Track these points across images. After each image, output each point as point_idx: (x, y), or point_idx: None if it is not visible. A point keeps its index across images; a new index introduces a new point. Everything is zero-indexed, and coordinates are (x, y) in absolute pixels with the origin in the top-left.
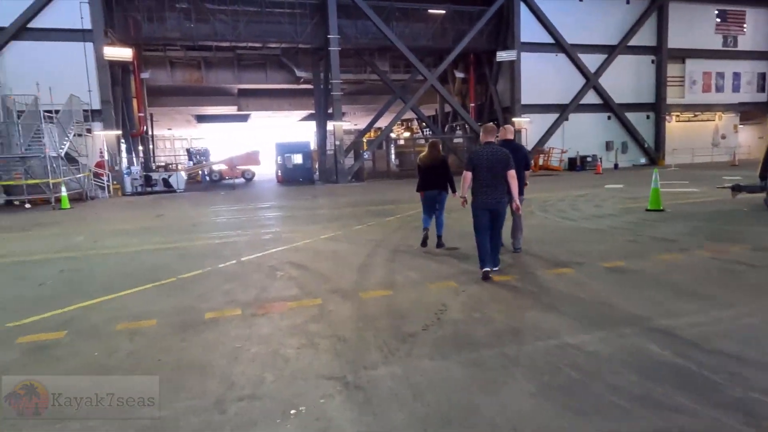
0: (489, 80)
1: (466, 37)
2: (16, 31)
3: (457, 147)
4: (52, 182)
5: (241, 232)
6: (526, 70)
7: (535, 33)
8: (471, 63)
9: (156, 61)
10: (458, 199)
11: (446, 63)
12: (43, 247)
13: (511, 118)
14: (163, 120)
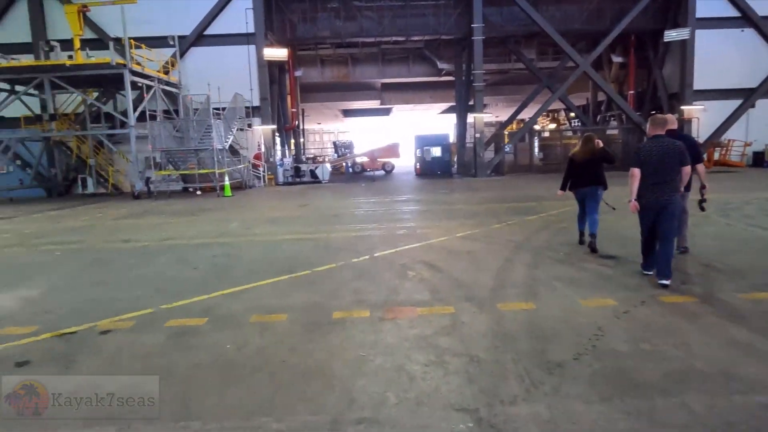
0: (653, 64)
1: (627, 16)
2: (195, 39)
3: (610, 139)
4: (218, 172)
5: (376, 226)
6: (701, 50)
7: (714, 6)
8: (631, 45)
9: (308, 60)
10: (626, 204)
11: (602, 46)
12: (203, 232)
13: (679, 106)
14: (314, 115)
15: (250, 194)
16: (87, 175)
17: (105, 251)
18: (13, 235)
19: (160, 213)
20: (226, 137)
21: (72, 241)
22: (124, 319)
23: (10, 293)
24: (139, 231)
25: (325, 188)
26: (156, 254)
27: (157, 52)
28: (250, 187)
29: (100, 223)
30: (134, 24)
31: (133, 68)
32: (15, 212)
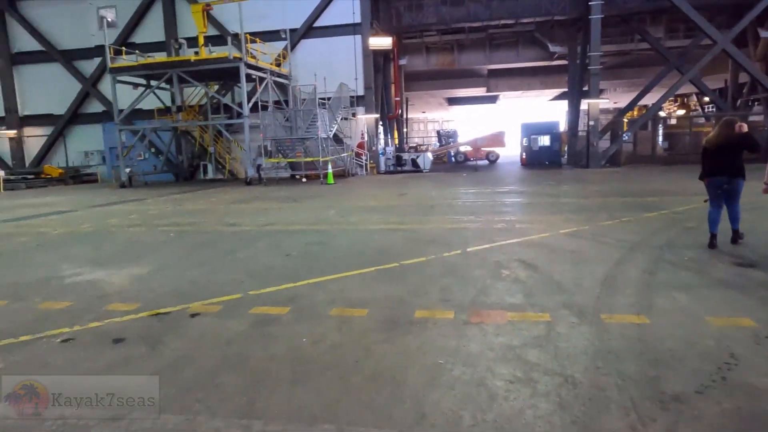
0: None
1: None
2: (304, 31)
3: (755, 126)
4: (321, 160)
5: (473, 218)
6: None
7: None
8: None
9: (413, 48)
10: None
11: (747, 19)
12: (302, 219)
13: None
14: (418, 104)
15: (351, 182)
16: (207, 162)
17: (212, 234)
18: (139, 215)
19: (266, 199)
20: (330, 126)
21: (186, 223)
22: (214, 303)
23: (125, 270)
24: (244, 216)
25: (425, 177)
26: (255, 239)
27: (270, 45)
28: (352, 175)
29: (213, 207)
30: (251, 20)
31: (248, 62)
32: (146, 195)
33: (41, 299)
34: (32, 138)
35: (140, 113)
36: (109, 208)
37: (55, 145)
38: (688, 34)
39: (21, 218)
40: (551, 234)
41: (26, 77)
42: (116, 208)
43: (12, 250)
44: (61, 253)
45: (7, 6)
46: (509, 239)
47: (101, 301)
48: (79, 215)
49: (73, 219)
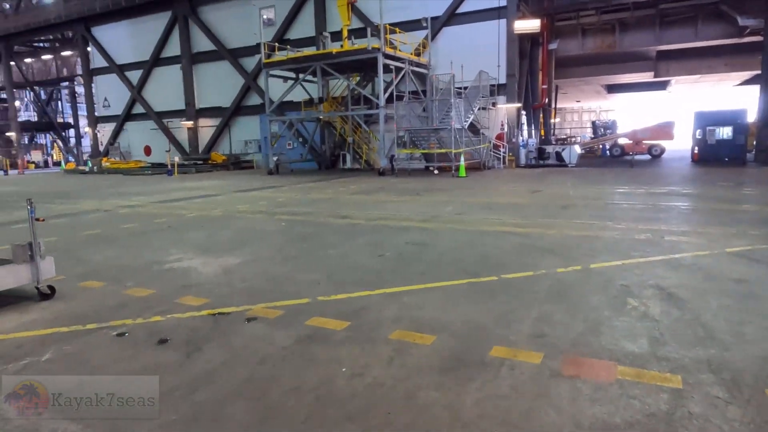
0: None
1: None
2: (446, 19)
3: None
4: (454, 152)
5: (610, 224)
6: None
7: None
8: None
9: (566, 31)
10: None
11: None
12: (415, 214)
13: None
14: (572, 92)
15: (485, 176)
16: (346, 152)
17: (320, 226)
18: (267, 203)
19: (390, 190)
20: (465, 116)
21: (303, 212)
22: (277, 307)
23: (220, 259)
24: (361, 208)
25: (569, 173)
26: (359, 234)
27: (411, 35)
28: (488, 168)
29: (335, 197)
30: (393, 11)
31: (387, 52)
32: (286, 182)
33: (133, 284)
34: (205, 128)
35: (291, 105)
36: (247, 194)
37: (222, 135)
38: None
39: (173, 200)
40: (712, 253)
41: (202, 74)
42: (253, 194)
43: (145, 230)
44: (180, 236)
45: (190, 12)
46: (650, 256)
47: (179, 292)
48: (219, 200)
49: (211, 203)
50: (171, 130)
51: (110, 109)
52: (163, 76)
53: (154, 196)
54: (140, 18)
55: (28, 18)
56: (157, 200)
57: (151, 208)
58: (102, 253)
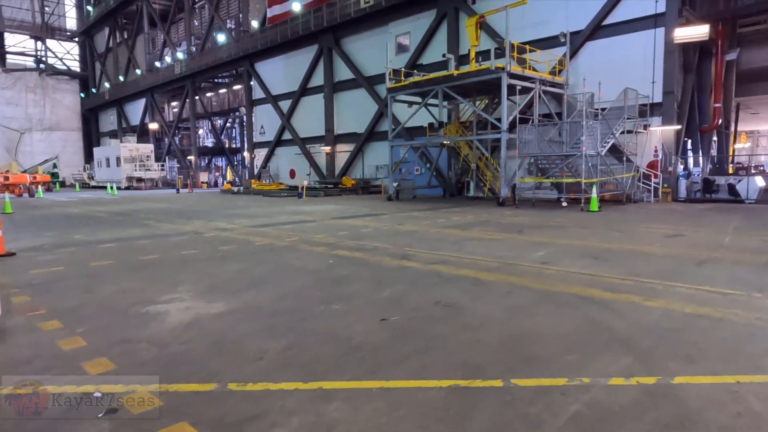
0: None
1: None
2: (590, 32)
3: None
4: (584, 182)
5: (757, 297)
6: None
7: None
8: None
9: (752, 38)
10: None
11: None
12: (490, 258)
13: None
14: (765, 112)
15: (624, 211)
16: (470, 179)
17: (367, 266)
18: (348, 232)
19: (492, 225)
20: (603, 142)
21: (369, 248)
22: (167, 393)
23: (206, 305)
24: (437, 245)
25: (741, 212)
26: (395, 282)
27: (549, 53)
28: (635, 202)
29: (425, 231)
30: (530, 27)
31: (512, 71)
32: (394, 210)
33: (83, 330)
34: (341, 153)
35: (419, 130)
36: (340, 222)
37: (356, 160)
38: None
39: (267, 224)
40: None
41: (341, 102)
42: (347, 222)
43: (195, 259)
44: (213, 269)
45: (333, 45)
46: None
47: (107, 349)
48: (307, 227)
49: (296, 230)
50: (312, 155)
51: (265, 136)
52: (308, 105)
53: (258, 219)
54: (292, 52)
55: (208, 58)
56: (254, 224)
57: (237, 233)
58: (117, 284)
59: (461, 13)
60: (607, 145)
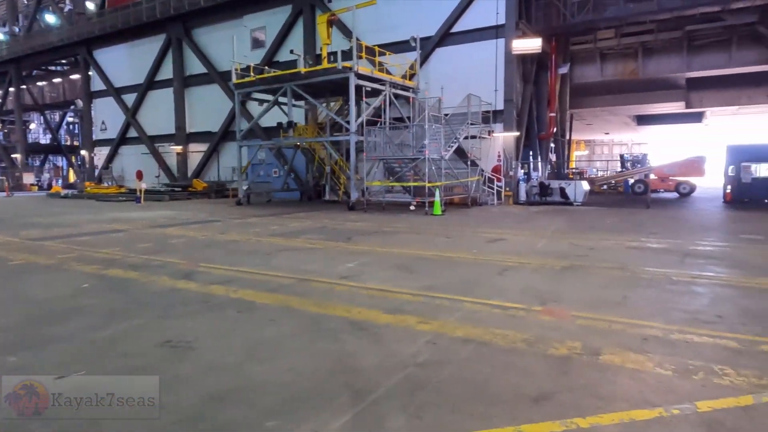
0: None
1: None
2: (439, 39)
3: None
4: (428, 186)
5: (521, 318)
6: None
7: None
8: None
9: (583, 55)
10: None
11: None
12: (289, 272)
13: None
14: (597, 123)
15: (466, 214)
16: (324, 182)
17: (129, 291)
18: (153, 245)
19: (328, 232)
20: (447, 146)
21: (164, 262)
22: None
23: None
24: (240, 261)
25: (566, 214)
26: (134, 315)
27: (401, 56)
28: (479, 205)
29: (246, 240)
30: (383, 31)
31: (361, 72)
32: (235, 216)
33: None
34: (195, 153)
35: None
36: (160, 231)
37: (211, 161)
38: None
39: (58, 237)
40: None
41: (194, 98)
42: (166, 231)
43: None
44: None
45: (183, 35)
46: None
47: None
48: (111, 238)
49: (88, 244)
50: (162, 155)
51: (107, 133)
52: (156, 100)
53: (56, 229)
54: (137, 41)
55: (36, 41)
56: (43, 236)
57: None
58: None
59: (317, 11)
60: (450, 149)
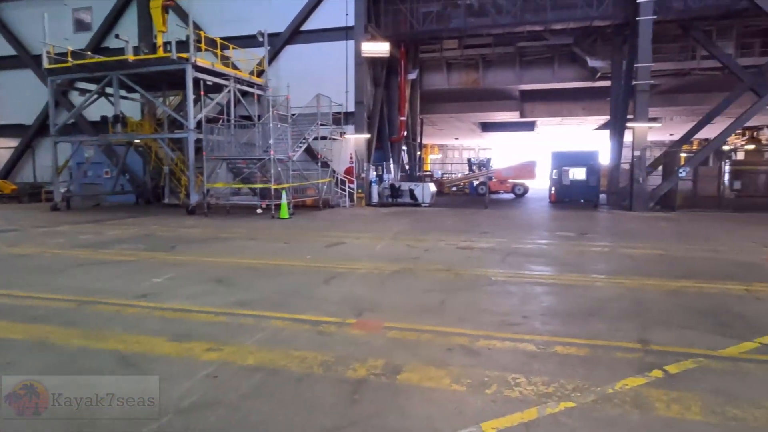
0: None
1: None
2: (289, 36)
3: None
4: (273, 188)
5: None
6: None
7: None
8: None
9: (432, 64)
10: None
11: None
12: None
13: None
14: (448, 128)
15: (314, 217)
16: (163, 183)
17: None
18: None
19: (151, 241)
20: (295, 146)
21: None
22: None
23: None
24: (19, 282)
25: (413, 215)
26: None
27: (249, 52)
28: (332, 207)
29: (38, 253)
30: (231, 24)
31: (200, 64)
32: (42, 223)
33: None
34: (5, 150)
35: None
36: None
37: (24, 159)
38: (766, 50)
39: None
40: None
41: (3, 85)
42: None
43: None
44: None
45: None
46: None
47: None
48: None
49: None
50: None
51: None
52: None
53: None
54: None
55: None
56: None
57: None
58: None
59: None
60: (299, 150)
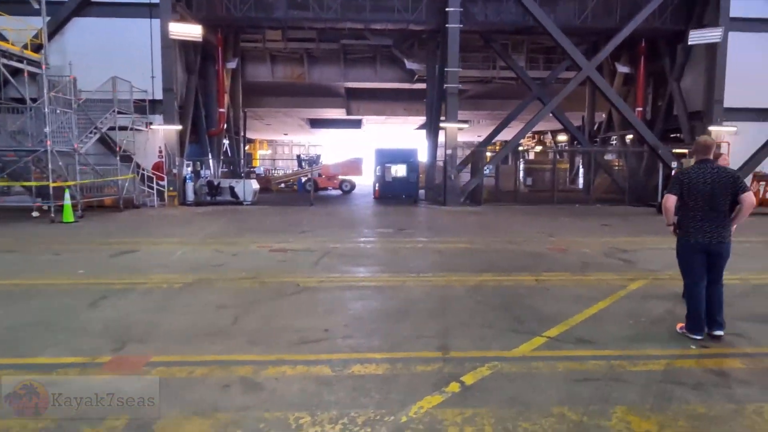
0: (669, 75)
1: (642, 11)
2: (76, 6)
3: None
4: (52, 185)
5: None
6: (735, 58)
7: (753, 3)
8: (640, 53)
9: (255, 54)
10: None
11: (611, 47)
12: None
13: (703, 127)
14: (275, 124)
15: (111, 220)
16: None
17: None
18: None
19: None
20: (83, 137)
21: None
22: None
23: None
24: None
25: (232, 214)
26: None
27: (22, 20)
28: (136, 207)
29: None
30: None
31: None
32: None
33: None
34: None
35: None
36: None
37: None
38: (548, 65)
39: None
40: None
41: None
42: None
43: None
44: None
45: None
46: None
47: None
48: None
49: None
50: None
51: None
52: None
53: None
54: None
55: None
56: None
57: None
58: None
59: None
60: (89, 141)
